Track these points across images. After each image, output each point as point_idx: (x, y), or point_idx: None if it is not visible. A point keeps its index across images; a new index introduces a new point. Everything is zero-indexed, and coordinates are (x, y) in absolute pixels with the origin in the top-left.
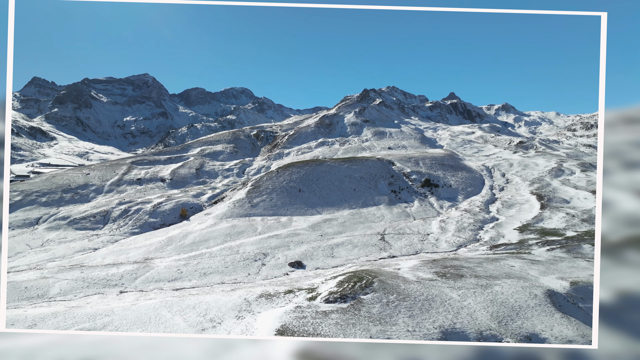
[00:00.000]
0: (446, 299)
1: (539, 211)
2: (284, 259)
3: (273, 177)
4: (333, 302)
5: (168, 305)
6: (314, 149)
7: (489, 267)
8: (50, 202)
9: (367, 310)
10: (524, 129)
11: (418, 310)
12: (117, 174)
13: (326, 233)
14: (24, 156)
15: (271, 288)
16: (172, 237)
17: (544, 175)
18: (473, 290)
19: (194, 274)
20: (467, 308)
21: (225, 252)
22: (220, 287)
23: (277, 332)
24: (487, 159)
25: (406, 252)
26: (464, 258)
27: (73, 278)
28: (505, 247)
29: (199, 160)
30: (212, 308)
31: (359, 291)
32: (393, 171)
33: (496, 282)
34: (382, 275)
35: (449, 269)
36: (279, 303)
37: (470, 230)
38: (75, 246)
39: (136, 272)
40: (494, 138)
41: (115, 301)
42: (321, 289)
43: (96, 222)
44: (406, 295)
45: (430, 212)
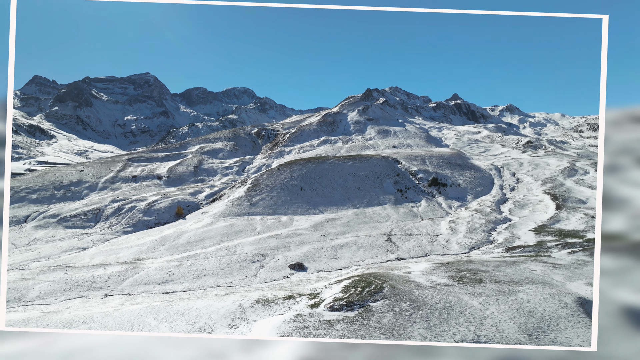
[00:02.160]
0: (466, 307)
1: (554, 212)
2: (284, 261)
3: (274, 174)
4: (338, 310)
5: (154, 311)
6: (316, 147)
7: (508, 271)
8: (40, 199)
9: (378, 320)
10: (529, 130)
11: (435, 321)
12: (112, 171)
13: (329, 233)
14: (21, 154)
15: (269, 293)
16: (166, 236)
17: (556, 174)
18: (495, 297)
19: (187, 276)
20: (491, 318)
21: (221, 253)
22: (214, 291)
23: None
24: (496, 158)
25: (415, 254)
26: (479, 261)
27: (55, 280)
28: (522, 250)
29: (198, 158)
30: (203, 315)
31: (368, 297)
32: (399, 169)
33: (519, 288)
34: (393, 280)
35: (465, 272)
36: (277, 310)
37: (483, 231)
38: (63, 245)
39: (124, 273)
40: (501, 138)
41: (97, 306)
42: (325, 294)
43: (87, 221)
44: (421, 303)
45: (438, 212)
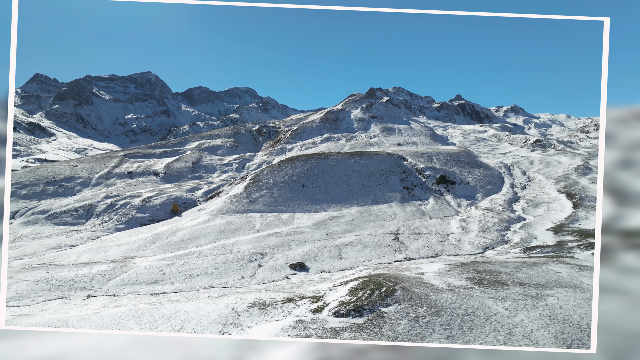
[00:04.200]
0: (491, 313)
1: (572, 211)
2: (284, 260)
3: (274, 170)
4: (345, 316)
5: (138, 314)
6: (318, 144)
7: (530, 272)
8: (30, 194)
9: (391, 327)
10: (534, 131)
11: (458, 329)
12: (107, 167)
13: (332, 231)
14: (19, 151)
15: (267, 295)
16: (159, 233)
17: (569, 173)
18: (522, 302)
19: (178, 275)
20: (522, 327)
21: (216, 251)
22: (207, 292)
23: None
24: (504, 156)
25: (425, 254)
26: (497, 261)
27: (35, 279)
28: (542, 250)
29: (196, 154)
30: (191, 320)
31: (378, 301)
32: (405, 167)
33: (548, 292)
34: (405, 282)
35: (484, 274)
36: (275, 315)
37: (496, 230)
38: (49, 242)
39: (111, 272)
40: (508, 137)
41: (77, 308)
42: (329, 297)
43: (78, 217)
44: (439, 308)
45: (447, 211)
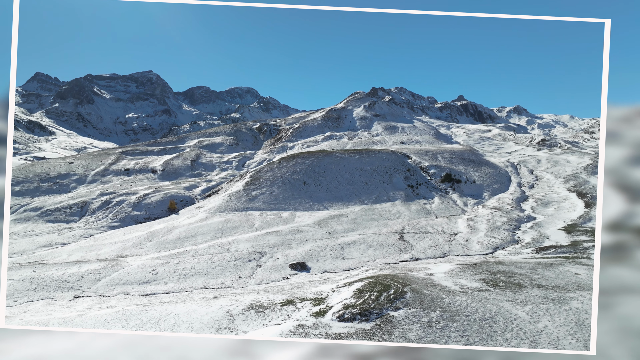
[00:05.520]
0: (511, 318)
1: (584, 210)
2: (284, 260)
3: (275, 168)
4: (350, 321)
5: (125, 317)
6: (320, 142)
7: (547, 274)
8: (24, 191)
9: (401, 334)
10: (537, 132)
11: (476, 336)
12: (104, 164)
13: (335, 230)
14: (18, 149)
15: (265, 297)
16: (155, 231)
17: (578, 172)
18: (544, 306)
19: (172, 275)
20: (546, 334)
21: (213, 250)
22: (202, 293)
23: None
24: (510, 155)
25: (432, 254)
26: (510, 262)
27: (20, 278)
28: (556, 250)
29: (195, 152)
30: (182, 323)
31: (387, 305)
32: (409, 165)
33: (569, 294)
34: (414, 283)
35: (499, 275)
36: (273, 319)
37: (506, 230)
38: (40, 240)
39: (101, 272)
40: (513, 136)
41: (61, 309)
42: (332, 299)
43: (72, 214)
44: (454, 313)
45: (453, 210)
